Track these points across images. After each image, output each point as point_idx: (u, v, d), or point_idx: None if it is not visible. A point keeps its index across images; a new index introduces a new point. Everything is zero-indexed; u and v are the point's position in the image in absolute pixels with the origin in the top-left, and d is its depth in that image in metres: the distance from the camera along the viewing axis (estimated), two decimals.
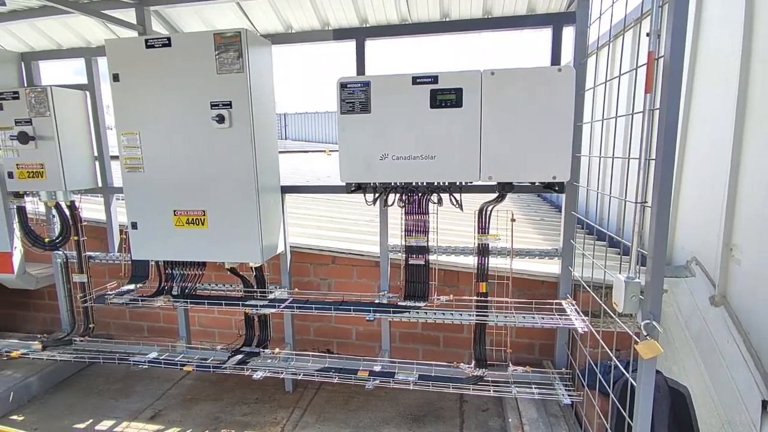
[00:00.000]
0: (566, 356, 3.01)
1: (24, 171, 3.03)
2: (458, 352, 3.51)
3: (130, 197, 2.76)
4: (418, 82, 2.32)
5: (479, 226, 2.70)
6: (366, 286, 3.51)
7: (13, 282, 3.44)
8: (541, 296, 3.13)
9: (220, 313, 3.80)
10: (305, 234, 3.81)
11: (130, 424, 2.95)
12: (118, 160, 2.78)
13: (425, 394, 3.19)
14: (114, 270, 3.77)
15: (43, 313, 4.14)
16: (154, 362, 3.02)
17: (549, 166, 2.29)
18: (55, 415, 3.06)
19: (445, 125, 2.34)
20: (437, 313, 2.81)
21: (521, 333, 3.36)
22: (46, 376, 3.38)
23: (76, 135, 3.12)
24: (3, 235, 3.26)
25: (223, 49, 2.48)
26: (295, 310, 2.88)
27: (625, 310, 1.67)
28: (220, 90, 2.53)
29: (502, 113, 2.28)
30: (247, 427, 2.90)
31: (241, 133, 2.56)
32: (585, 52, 2.64)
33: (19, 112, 2.95)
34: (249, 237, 2.69)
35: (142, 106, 2.64)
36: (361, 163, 2.48)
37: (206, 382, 3.44)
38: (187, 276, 3.03)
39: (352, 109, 2.43)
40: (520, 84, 2.24)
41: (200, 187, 2.67)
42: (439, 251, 2.94)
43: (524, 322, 2.67)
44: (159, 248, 2.80)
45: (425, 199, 2.69)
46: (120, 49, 2.59)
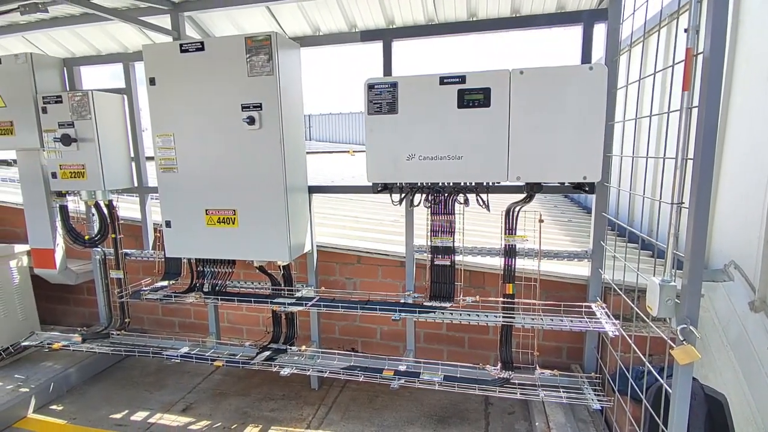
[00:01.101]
0: (595, 360, 2.95)
1: (66, 171, 3.18)
2: (483, 353, 3.48)
3: (165, 197, 2.86)
4: (445, 83, 2.32)
5: (506, 226, 2.68)
6: (391, 286, 3.53)
7: (55, 277, 3.62)
8: (569, 299, 3.07)
9: (248, 310, 3.88)
10: (331, 233, 3.86)
11: (163, 415, 3.05)
12: (153, 161, 2.89)
13: (450, 395, 3.18)
14: (148, 267, 3.91)
15: (82, 307, 4.33)
16: (186, 357, 3.12)
17: (579, 166, 2.25)
18: (93, 405, 3.20)
19: (472, 125, 2.33)
20: (463, 314, 2.80)
21: (548, 336, 3.30)
22: (85, 368, 3.53)
23: (115, 137, 3.26)
24: (46, 232, 3.43)
25: (254, 52, 2.54)
26: (322, 308, 2.92)
27: (660, 314, 1.63)
28: (250, 92, 2.59)
29: (532, 113, 2.25)
30: (274, 422, 2.96)
31: (270, 134, 2.62)
32: (617, 49, 2.58)
33: (62, 116, 3.10)
34: (277, 236, 2.74)
35: (176, 109, 2.73)
36: (387, 164, 2.50)
37: (234, 377, 3.52)
38: (217, 273, 3.12)
39: (380, 110, 2.45)
40: (550, 83, 2.20)
41: (231, 187, 2.74)
42: (464, 252, 2.93)
43: (552, 324, 2.63)
44: (191, 246, 2.89)
45: (451, 199, 2.68)
46: (156, 53, 2.69)
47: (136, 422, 2.98)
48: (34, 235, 3.47)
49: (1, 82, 3.15)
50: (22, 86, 3.12)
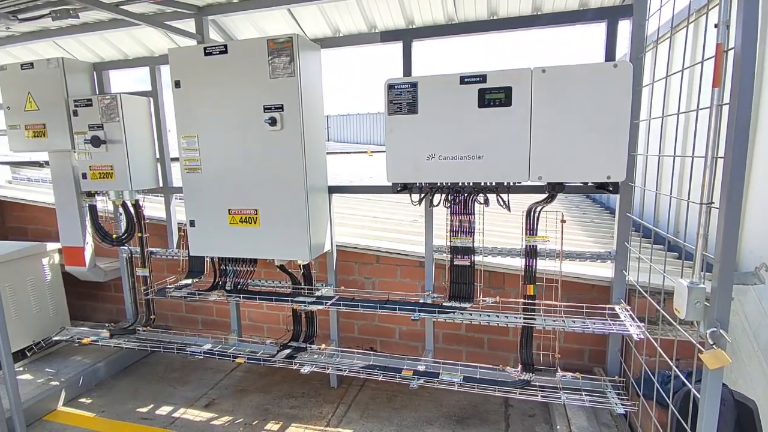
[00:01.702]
0: (619, 364, 2.89)
1: (96, 172, 3.28)
2: (503, 355, 3.45)
3: (189, 196, 2.92)
4: (466, 82, 2.31)
5: (527, 227, 2.65)
6: (410, 286, 3.53)
7: (84, 274, 3.74)
8: (591, 301, 3.02)
9: (268, 309, 3.94)
10: (350, 233, 3.88)
11: (186, 410, 3.12)
12: (178, 162, 2.96)
13: (469, 396, 3.16)
14: (172, 265, 4.01)
15: (110, 304, 4.47)
16: (209, 353, 3.18)
17: (603, 165, 2.21)
18: (120, 399, 3.30)
19: (493, 124, 2.32)
20: (482, 315, 2.78)
21: (570, 338, 3.25)
22: (113, 363, 3.65)
23: (141, 138, 3.35)
24: (77, 231, 3.56)
25: (275, 55, 2.58)
26: (342, 307, 2.95)
27: (688, 317, 1.59)
28: (272, 94, 2.63)
29: (554, 111, 2.22)
30: (294, 419, 2.99)
31: (291, 135, 2.65)
32: (643, 46, 2.52)
33: (92, 118, 3.20)
34: (298, 235, 2.78)
35: (200, 111, 2.79)
36: (407, 164, 2.50)
37: (255, 374, 3.58)
38: (239, 272, 3.18)
39: (400, 110, 2.46)
40: (573, 81, 2.17)
41: (253, 187, 2.79)
42: (484, 252, 2.91)
43: (574, 326, 2.59)
44: (214, 245, 2.95)
45: (471, 199, 2.67)
46: (181, 57, 2.76)
47: (161, 416, 3.06)
48: (65, 233, 3.60)
49: (35, 86, 3.27)
50: (54, 90, 3.24)
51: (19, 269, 3.51)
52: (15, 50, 3.92)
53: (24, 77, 3.27)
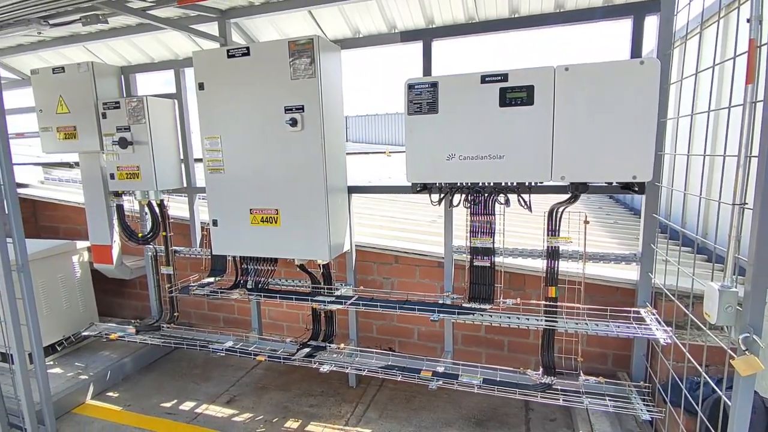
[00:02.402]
0: (644, 369, 2.82)
1: (123, 173, 3.38)
2: (524, 357, 3.40)
3: (212, 196, 2.98)
4: (487, 81, 2.29)
5: (549, 228, 2.61)
6: (428, 287, 3.51)
7: (111, 272, 3.85)
8: (615, 304, 2.94)
9: (288, 307, 3.98)
10: (368, 233, 3.89)
11: (209, 406, 3.18)
12: (201, 162, 3.02)
13: (489, 399, 3.13)
14: (195, 264, 4.09)
15: (136, 301, 4.59)
16: (231, 351, 3.24)
17: (629, 165, 2.16)
18: (145, 393, 3.38)
19: (514, 124, 2.29)
20: (503, 317, 2.75)
21: (593, 341, 3.19)
22: (138, 358, 3.75)
23: (166, 140, 3.43)
24: (104, 230, 3.67)
25: (296, 56, 2.61)
26: (361, 307, 2.96)
27: (719, 321, 1.54)
28: (293, 95, 2.66)
29: (578, 110, 2.18)
30: (313, 418, 3.02)
31: (312, 135, 2.68)
32: (670, 42, 2.45)
33: (119, 120, 3.30)
34: (318, 235, 2.80)
35: (223, 112, 2.84)
36: (427, 164, 2.50)
37: (275, 372, 3.62)
38: (260, 271, 3.22)
39: (419, 110, 2.46)
40: (598, 79, 2.13)
41: (274, 187, 2.82)
42: (505, 253, 2.87)
43: (598, 329, 2.53)
44: (236, 244, 3.00)
45: (492, 199, 2.64)
46: (205, 59, 2.82)
47: (184, 411, 3.13)
48: (94, 232, 3.72)
49: (66, 90, 3.39)
50: (84, 93, 3.35)
51: (50, 266, 3.64)
52: (46, 54, 4.07)
53: (56, 81, 3.39)
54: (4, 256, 2.50)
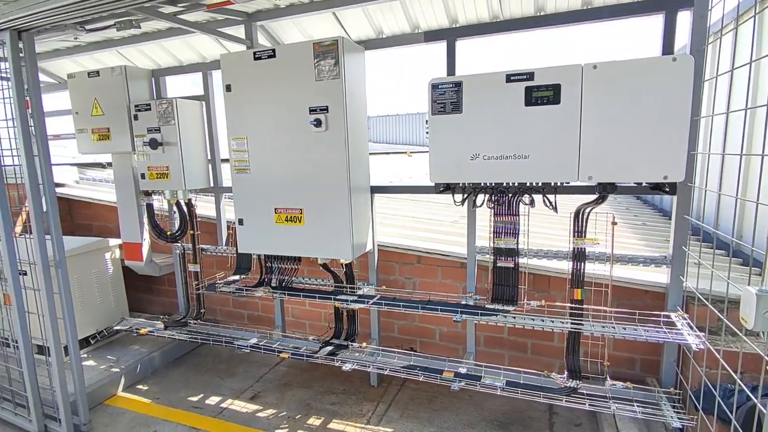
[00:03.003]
0: (674, 375, 2.73)
1: (153, 173, 3.49)
2: (548, 361, 3.35)
3: (238, 196, 3.04)
4: (512, 80, 2.27)
5: (575, 229, 2.56)
6: (451, 287, 3.50)
7: (141, 269, 3.98)
8: (643, 307, 2.87)
9: (311, 306, 4.03)
10: (390, 233, 3.90)
11: (233, 401, 3.25)
12: (227, 163, 3.09)
13: (512, 402, 3.09)
14: (221, 262, 4.18)
15: (164, 297, 4.73)
16: (255, 347, 3.30)
17: (660, 165, 2.10)
18: (173, 387, 3.48)
19: (540, 123, 2.26)
20: (526, 319, 2.72)
21: (620, 346, 3.11)
22: (167, 353, 3.86)
23: (194, 140, 3.52)
24: (135, 228, 3.79)
25: (321, 57, 2.64)
26: (383, 306, 2.97)
27: (756, 327, 1.48)
28: (318, 96, 2.69)
29: (606, 109, 2.14)
30: (335, 415, 3.05)
31: (336, 136, 2.70)
32: (704, 38, 2.37)
33: (150, 122, 3.40)
34: (341, 235, 2.82)
35: (249, 113, 2.90)
36: (451, 164, 2.49)
37: (298, 369, 3.67)
38: (284, 269, 3.27)
39: (443, 110, 2.45)
40: (628, 77, 2.08)
41: (298, 187, 2.86)
42: (529, 254, 2.84)
43: (625, 333, 2.47)
44: (261, 243, 3.06)
45: (516, 200, 2.61)
46: (232, 62, 2.88)
47: (210, 406, 3.20)
48: (125, 230, 3.85)
49: (100, 93, 3.52)
50: (117, 96, 3.47)
51: (85, 263, 3.79)
52: (82, 59, 4.23)
53: (91, 84, 3.53)
54: (42, 252, 2.61)
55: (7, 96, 2.54)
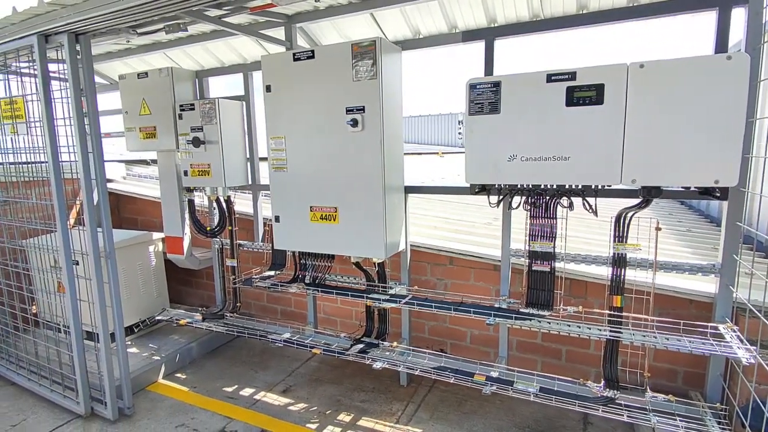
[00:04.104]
0: (720, 389, 2.60)
1: (195, 170, 3.63)
2: (583, 368, 3.25)
3: (275, 194, 3.12)
4: (553, 80, 2.22)
5: (616, 233, 2.48)
6: (483, 290, 3.46)
7: (182, 262, 4.15)
8: (687, 317, 2.75)
9: (342, 303, 4.08)
10: (422, 234, 3.89)
11: (266, 394, 3.34)
12: (265, 161, 3.17)
13: (544, 409, 3.03)
14: (257, 257, 4.30)
15: (202, 290, 4.90)
16: (288, 342, 3.37)
17: (710, 168, 2.01)
18: (210, 377, 3.61)
19: (582, 124, 2.20)
20: (562, 324, 2.65)
21: (661, 356, 2.99)
22: (204, 344, 4.00)
23: (234, 139, 3.64)
24: (177, 223, 3.95)
25: (359, 58, 2.67)
26: (415, 306, 2.97)
27: None
28: (354, 96, 2.73)
29: (653, 109, 2.06)
30: (365, 413, 3.07)
31: (372, 135, 2.73)
32: (761, 35, 2.24)
33: (193, 121, 3.54)
34: (375, 234, 2.85)
35: (288, 113, 2.97)
36: (487, 165, 2.46)
37: (328, 365, 3.72)
38: (317, 267, 3.33)
39: (481, 110, 2.43)
40: (678, 76, 2.00)
41: (334, 186, 2.91)
42: (566, 259, 2.77)
43: (668, 344, 2.37)
44: (296, 240, 3.12)
45: (554, 202, 2.55)
46: (273, 63, 2.96)
47: (244, 397, 3.30)
48: (168, 224, 4.02)
49: (148, 93, 3.69)
50: (164, 96, 3.63)
51: (131, 255, 3.98)
52: (131, 61, 4.44)
53: (140, 85, 3.71)
54: (95, 244, 2.77)
55: (65, 96, 2.70)
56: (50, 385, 3.21)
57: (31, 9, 2.49)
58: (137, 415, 3.09)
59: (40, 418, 3.06)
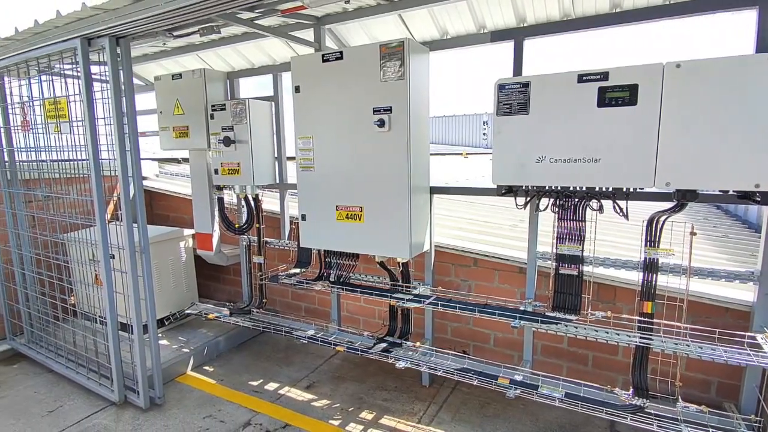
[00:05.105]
0: (756, 401, 2.50)
1: (225, 168, 3.73)
2: (609, 375, 3.18)
3: (302, 192, 3.17)
4: (584, 80, 2.19)
5: (648, 238, 2.42)
6: (508, 292, 3.42)
7: (211, 258, 4.26)
8: (723, 326, 2.65)
9: (365, 302, 4.11)
10: (446, 234, 3.88)
11: (290, 389, 3.40)
12: (292, 161, 3.23)
13: (569, 415, 2.97)
14: (283, 255, 4.38)
15: (229, 286, 5.02)
16: (312, 339, 3.42)
17: (751, 171, 1.94)
18: (236, 371, 3.70)
19: (614, 125, 2.16)
20: (589, 329, 2.61)
21: (694, 366, 2.89)
22: (231, 338, 4.10)
23: (263, 139, 3.72)
24: (207, 220, 4.07)
25: (387, 59, 2.69)
26: (439, 307, 2.97)
27: None
28: (382, 96, 2.75)
29: (690, 111, 2.00)
30: (387, 411, 3.09)
31: (398, 136, 2.74)
32: None
33: (224, 121, 3.64)
34: (400, 234, 2.86)
35: (316, 113, 3.02)
36: (515, 166, 2.45)
37: (351, 363, 3.76)
38: (342, 265, 3.37)
39: (509, 111, 2.41)
40: (716, 76, 1.94)
41: (360, 186, 2.93)
42: (595, 262, 2.71)
43: (702, 353, 2.30)
44: (322, 238, 3.17)
45: (583, 205, 2.51)
46: (302, 64, 3.01)
47: (269, 391, 3.37)
48: (198, 221, 4.14)
49: (182, 94, 3.81)
50: (197, 97, 3.74)
51: (163, 250, 4.12)
52: (166, 63, 4.59)
53: (174, 86, 3.83)
54: (130, 239, 2.88)
55: (105, 97, 2.82)
56: (87, 373, 3.35)
57: (74, 13, 2.61)
58: (167, 405, 3.19)
59: (76, 404, 3.20)
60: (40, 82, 3.18)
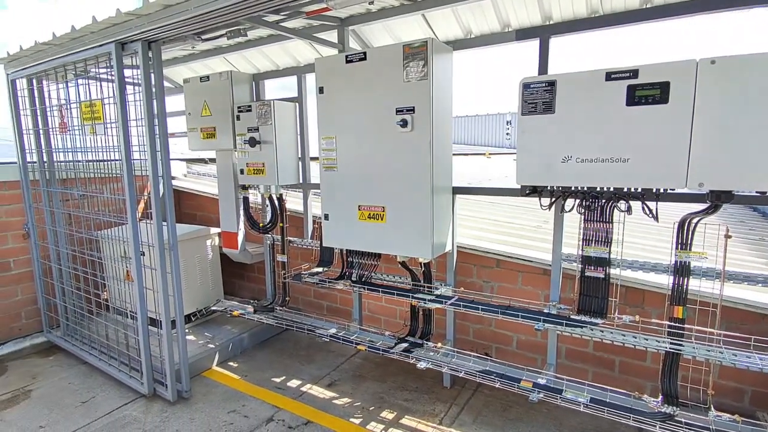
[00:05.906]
0: None
1: (251, 169, 3.80)
2: (637, 381, 3.09)
3: (325, 192, 3.21)
4: (613, 78, 2.14)
5: (679, 240, 2.34)
6: (531, 294, 3.37)
7: (236, 256, 4.35)
8: (760, 333, 2.54)
9: (387, 302, 4.12)
10: (469, 235, 3.85)
11: (312, 386, 3.44)
12: (315, 161, 3.26)
13: (594, 421, 2.91)
14: (306, 254, 4.43)
15: (253, 283, 5.12)
16: (334, 337, 3.45)
17: None
18: (260, 367, 3.76)
19: (644, 124, 2.10)
20: (616, 334, 2.54)
21: (727, 374, 2.78)
22: (255, 335, 4.18)
23: (288, 139, 3.78)
24: (233, 219, 4.16)
25: (410, 59, 2.69)
26: (461, 308, 2.95)
27: None
28: (405, 97, 2.75)
29: (726, 108, 1.93)
30: (407, 412, 3.09)
31: (421, 136, 2.74)
32: None
33: (250, 122, 3.71)
34: (422, 234, 2.86)
35: (339, 114, 3.04)
36: (540, 166, 2.41)
37: (372, 363, 3.78)
38: (364, 265, 3.39)
39: (534, 110, 2.38)
40: (753, 72, 1.86)
41: (382, 185, 2.94)
42: (622, 265, 2.64)
43: (737, 360, 2.21)
44: (344, 238, 3.19)
45: (610, 206, 2.45)
46: (326, 65, 3.04)
47: (291, 388, 3.42)
48: (224, 220, 4.24)
49: (210, 95, 3.91)
50: (223, 98, 3.83)
51: (190, 248, 4.23)
52: (194, 65, 4.72)
53: (202, 88, 3.93)
54: (160, 236, 2.97)
55: (137, 99, 2.92)
56: (118, 366, 3.48)
57: (109, 19, 2.71)
58: (194, 399, 3.28)
59: (108, 395, 3.32)
60: (77, 85, 3.31)
